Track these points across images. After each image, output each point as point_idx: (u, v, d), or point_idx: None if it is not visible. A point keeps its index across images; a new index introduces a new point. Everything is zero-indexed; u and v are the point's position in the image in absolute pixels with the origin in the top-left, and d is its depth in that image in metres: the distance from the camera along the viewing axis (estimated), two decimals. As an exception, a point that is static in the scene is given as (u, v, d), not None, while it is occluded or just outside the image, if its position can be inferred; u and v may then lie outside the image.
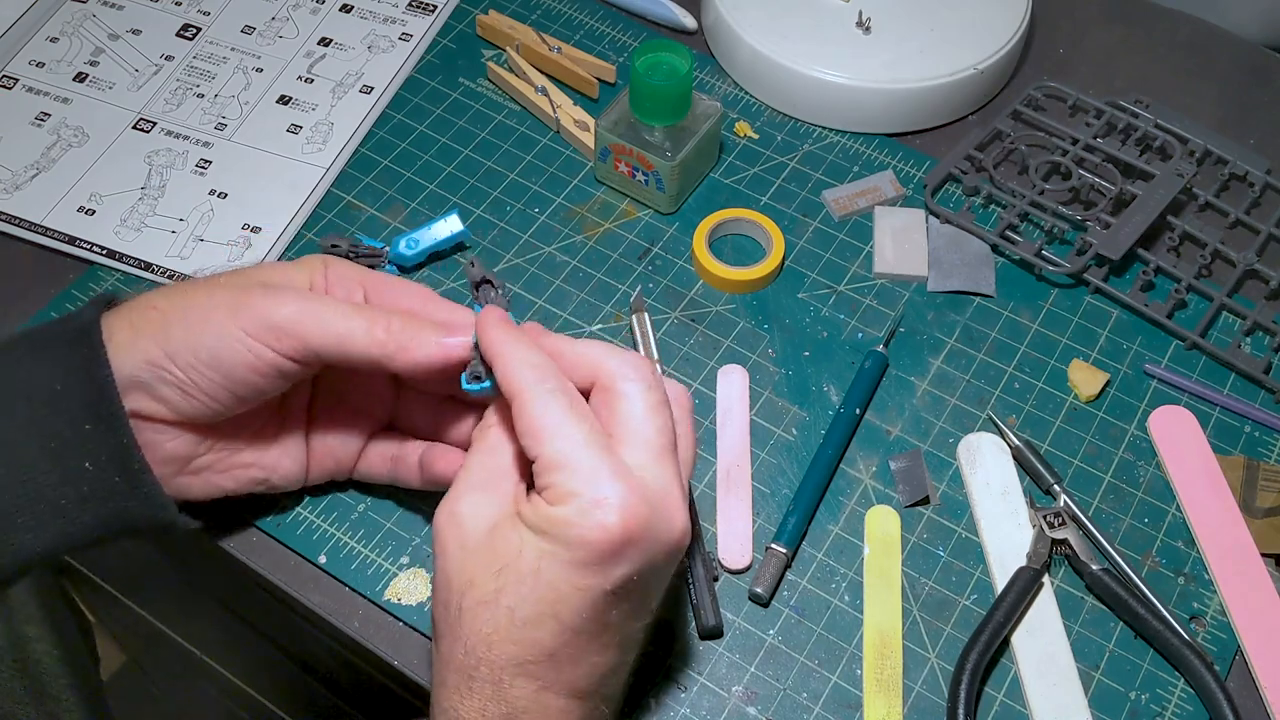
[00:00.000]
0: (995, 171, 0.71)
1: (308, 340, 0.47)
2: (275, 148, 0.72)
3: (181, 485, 0.51)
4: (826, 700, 0.54)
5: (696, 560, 0.55)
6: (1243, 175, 0.72)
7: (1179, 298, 0.66)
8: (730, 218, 0.68)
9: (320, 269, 0.50)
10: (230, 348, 0.46)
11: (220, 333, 0.46)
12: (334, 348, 0.47)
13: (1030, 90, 0.75)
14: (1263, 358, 0.64)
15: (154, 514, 0.49)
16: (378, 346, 0.46)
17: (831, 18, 0.74)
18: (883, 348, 0.63)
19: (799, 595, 0.56)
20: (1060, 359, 0.65)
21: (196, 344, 0.46)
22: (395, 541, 0.57)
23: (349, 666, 0.73)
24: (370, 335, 0.46)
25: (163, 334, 0.47)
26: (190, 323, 0.46)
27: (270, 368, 0.47)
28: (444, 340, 0.47)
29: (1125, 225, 0.67)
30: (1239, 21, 0.81)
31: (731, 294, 0.67)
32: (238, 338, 0.46)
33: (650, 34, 0.79)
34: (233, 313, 0.46)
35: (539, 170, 0.72)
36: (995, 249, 0.68)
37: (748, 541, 0.57)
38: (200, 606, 0.88)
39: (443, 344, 0.47)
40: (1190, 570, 0.57)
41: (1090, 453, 0.61)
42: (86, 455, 0.46)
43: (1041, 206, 0.69)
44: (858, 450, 0.61)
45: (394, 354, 0.47)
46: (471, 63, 0.77)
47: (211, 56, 0.77)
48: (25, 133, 0.72)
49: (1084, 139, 0.72)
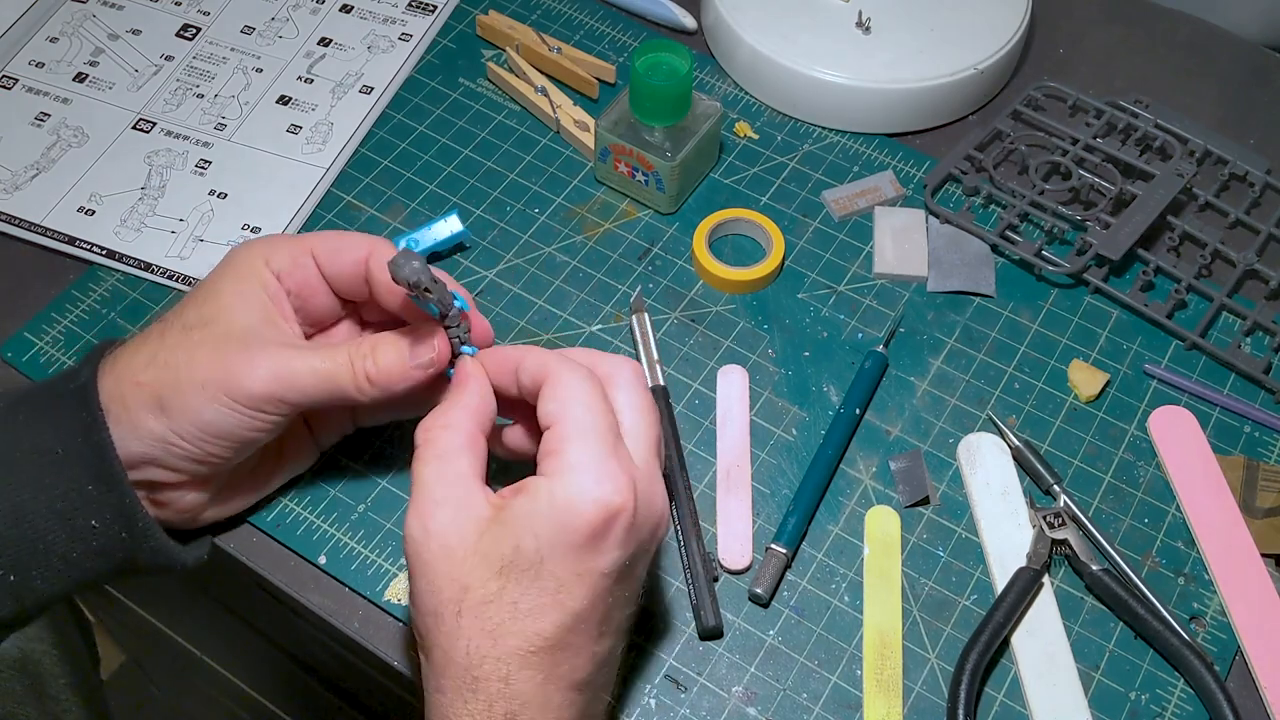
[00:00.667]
0: (995, 171, 0.71)
1: (295, 403, 0.49)
2: (275, 148, 0.72)
3: (208, 516, 0.54)
4: (826, 700, 0.54)
5: (696, 560, 0.55)
6: (1243, 175, 0.72)
7: (1179, 298, 0.66)
8: (730, 218, 0.68)
9: (267, 278, 0.50)
10: (226, 418, 0.48)
11: (214, 407, 0.48)
12: (322, 401, 0.49)
13: (1030, 90, 0.75)
14: (1263, 358, 0.64)
15: (162, 563, 0.51)
16: (362, 394, 0.49)
17: (831, 18, 0.74)
18: (883, 348, 0.63)
19: (799, 595, 0.56)
20: (1060, 359, 0.65)
21: (195, 419, 0.48)
22: (395, 542, 0.57)
23: (349, 667, 0.73)
24: (356, 385, 0.49)
25: (159, 411, 0.48)
26: (184, 400, 0.48)
27: (268, 423, 0.49)
28: (415, 367, 0.49)
29: (1125, 225, 0.67)
30: (1239, 21, 0.81)
31: (731, 294, 0.67)
32: (231, 407, 0.48)
33: (650, 34, 0.79)
34: (220, 387, 0.47)
35: (539, 170, 0.72)
36: (995, 249, 0.68)
37: (748, 542, 0.57)
38: (200, 606, 0.88)
39: (417, 371, 0.49)
40: (1190, 570, 0.57)
41: (1090, 453, 0.61)
42: (93, 514, 0.48)
43: (1041, 206, 0.69)
44: (858, 450, 0.61)
45: (379, 394, 0.49)
46: (471, 63, 0.77)
47: (211, 57, 0.77)
48: (25, 133, 0.72)
49: (1084, 139, 0.72)
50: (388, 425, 0.60)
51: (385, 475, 0.59)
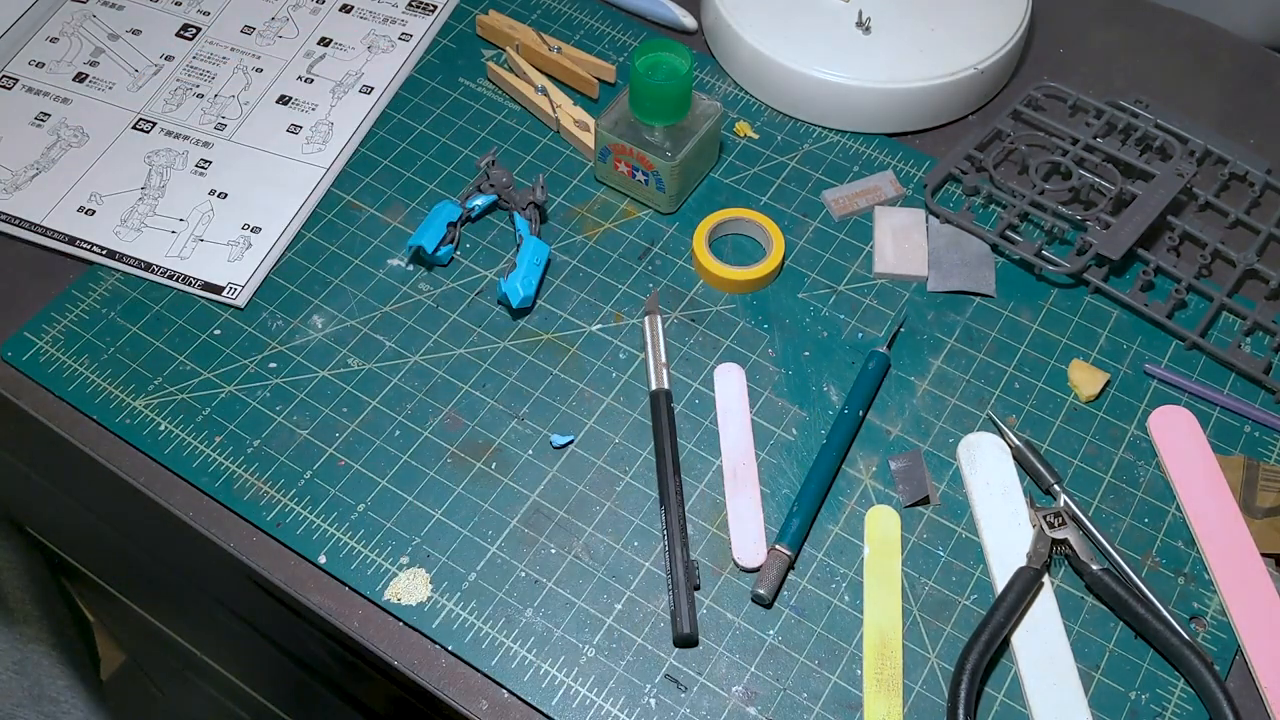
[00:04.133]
0: (995, 171, 0.71)
1: None
2: (275, 148, 0.72)
3: None
4: (827, 700, 0.54)
5: (679, 567, 0.55)
6: (1243, 175, 0.72)
7: (1179, 298, 0.66)
8: (730, 218, 0.68)
9: None
10: None
11: None
12: None
13: (1030, 90, 0.75)
14: (1263, 358, 0.64)
15: None
16: None
17: (831, 18, 0.74)
18: (885, 348, 0.63)
19: (799, 595, 0.56)
20: (1060, 359, 0.65)
21: None
22: (395, 541, 0.57)
23: (348, 666, 0.73)
24: None
25: None
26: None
27: None
28: None
29: (1125, 225, 0.67)
30: (1239, 22, 0.81)
31: (731, 294, 0.67)
32: None
33: (650, 34, 0.79)
34: None
35: (539, 170, 0.72)
36: (995, 249, 0.68)
37: (761, 540, 0.57)
38: (200, 606, 0.88)
39: None
40: (1190, 570, 0.57)
41: (1090, 453, 0.61)
42: None
43: (1041, 206, 0.69)
44: (858, 450, 0.61)
45: None
46: (471, 63, 0.77)
47: (211, 57, 0.77)
48: (25, 133, 0.72)
49: (1084, 139, 0.72)
50: (386, 423, 0.60)
51: (385, 475, 0.59)
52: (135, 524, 0.81)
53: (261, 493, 0.59)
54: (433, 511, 0.58)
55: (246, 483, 0.59)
